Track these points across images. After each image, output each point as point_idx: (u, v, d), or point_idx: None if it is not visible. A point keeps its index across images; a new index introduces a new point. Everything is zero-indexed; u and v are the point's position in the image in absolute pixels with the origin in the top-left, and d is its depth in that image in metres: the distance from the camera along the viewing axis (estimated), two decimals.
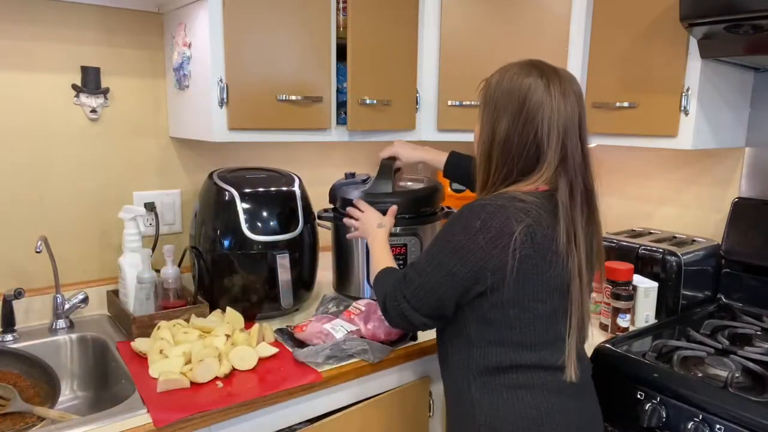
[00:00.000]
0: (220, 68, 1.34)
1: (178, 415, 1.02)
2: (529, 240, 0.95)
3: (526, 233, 0.95)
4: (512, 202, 0.98)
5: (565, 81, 1.01)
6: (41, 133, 1.44)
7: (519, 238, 0.95)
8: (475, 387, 1.03)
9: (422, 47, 1.73)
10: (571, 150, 1.00)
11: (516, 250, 0.95)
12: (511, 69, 1.04)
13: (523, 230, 0.95)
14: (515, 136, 1.01)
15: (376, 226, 1.36)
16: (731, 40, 1.29)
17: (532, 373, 1.00)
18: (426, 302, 1.04)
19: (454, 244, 0.99)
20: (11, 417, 1.14)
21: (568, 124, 0.99)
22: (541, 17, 1.64)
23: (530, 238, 0.96)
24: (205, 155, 1.70)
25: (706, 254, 1.62)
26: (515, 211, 0.96)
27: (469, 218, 0.99)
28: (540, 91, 0.99)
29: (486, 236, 0.96)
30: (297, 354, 1.25)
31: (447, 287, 1.00)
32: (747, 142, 1.65)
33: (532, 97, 0.99)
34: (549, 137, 0.99)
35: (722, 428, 1.10)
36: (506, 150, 1.02)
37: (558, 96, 0.99)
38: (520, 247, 0.95)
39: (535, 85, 1.00)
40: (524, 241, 0.95)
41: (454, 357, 1.08)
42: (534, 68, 1.02)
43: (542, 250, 0.97)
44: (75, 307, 1.44)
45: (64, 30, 1.43)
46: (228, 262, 1.42)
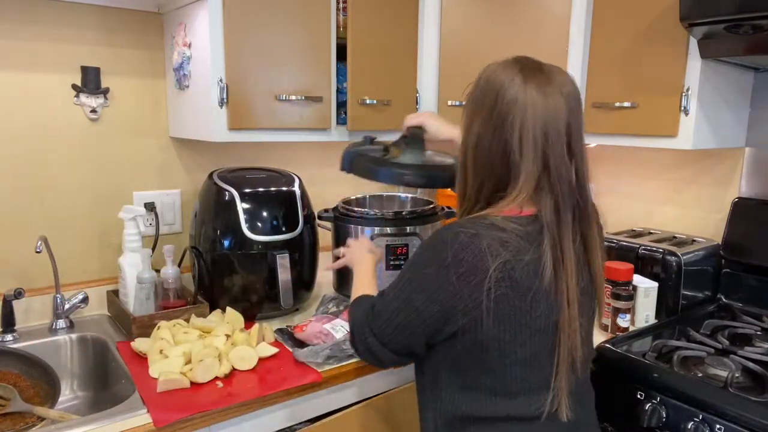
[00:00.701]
0: (220, 68, 1.34)
1: (178, 415, 1.02)
2: (507, 277, 0.82)
3: (503, 270, 0.82)
4: (490, 230, 0.84)
5: (550, 77, 0.87)
6: (41, 133, 1.44)
7: (494, 275, 0.82)
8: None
9: (422, 47, 1.73)
10: (555, 160, 0.84)
11: (491, 289, 0.82)
12: (492, 65, 0.92)
13: (500, 266, 0.82)
14: (485, 141, 0.87)
15: (366, 251, 1.26)
16: (731, 40, 1.29)
17: (505, 426, 0.87)
18: (393, 339, 0.92)
19: (423, 278, 0.87)
20: (11, 417, 1.14)
21: (549, 127, 0.84)
22: (541, 17, 1.64)
23: (508, 275, 0.82)
24: (205, 155, 1.70)
25: (706, 254, 1.62)
26: (492, 243, 0.83)
27: (440, 249, 0.86)
28: (514, 88, 0.85)
29: (457, 271, 0.83)
30: (297, 354, 1.25)
31: (415, 326, 0.89)
32: (747, 142, 1.65)
33: (505, 94, 0.85)
34: (522, 143, 0.84)
35: (722, 428, 1.10)
36: (477, 158, 0.89)
37: (535, 93, 0.84)
38: (496, 285, 0.82)
39: (509, 81, 0.86)
40: (500, 279, 0.82)
41: (424, 395, 0.98)
42: (516, 63, 0.89)
43: (522, 288, 0.83)
44: (75, 307, 1.44)
45: (64, 30, 1.43)
46: (228, 262, 1.42)
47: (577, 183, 0.87)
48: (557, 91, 0.86)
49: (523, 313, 0.84)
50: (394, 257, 1.51)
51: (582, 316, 0.90)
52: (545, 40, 1.64)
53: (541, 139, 0.84)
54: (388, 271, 1.52)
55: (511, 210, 0.87)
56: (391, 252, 1.51)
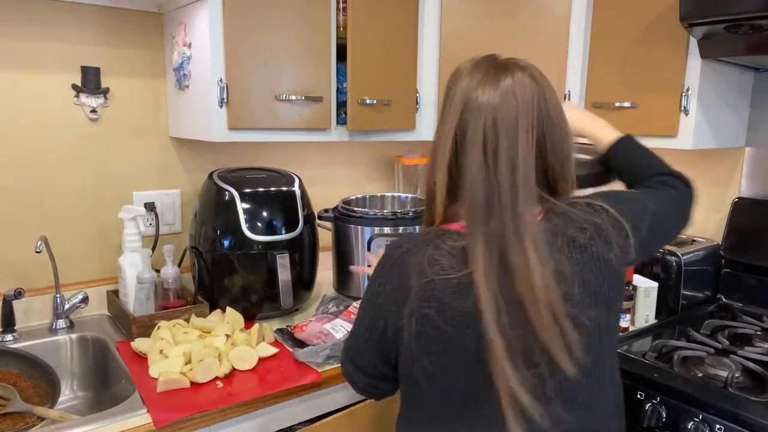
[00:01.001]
0: (220, 68, 1.34)
1: (178, 415, 1.02)
2: (431, 297, 0.75)
3: (426, 289, 0.75)
4: (425, 247, 0.78)
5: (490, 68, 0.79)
6: (41, 133, 1.43)
7: (417, 295, 0.75)
8: None
9: (422, 47, 1.73)
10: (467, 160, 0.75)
11: (414, 309, 0.76)
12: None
13: (423, 286, 0.75)
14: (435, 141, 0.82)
15: None
16: (731, 40, 1.29)
17: None
18: (362, 362, 0.88)
19: (369, 294, 0.84)
20: (11, 417, 1.14)
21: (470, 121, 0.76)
22: (541, 17, 1.64)
23: (432, 295, 0.75)
24: (205, 155, 1.70)
25: (706, 254, 1.62)
26: (421, 261, 0.76)
27: (380, 265, 0.82)
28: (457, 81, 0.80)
29: (386, 289, 0.80)
30: (297, 354, 1.25)
31: (368, 345, 0.86)
32: (747, 142, 1.65)
33: (449, 88, 0.81)
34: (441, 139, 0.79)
35: (722, 428, 1.10)
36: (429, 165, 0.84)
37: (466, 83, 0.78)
38: (419, 306, 0.75)
39: (456, 76, 0.81)
40: (424, 298, 0.75)
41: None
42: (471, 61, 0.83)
43: (450, 311, 0.75)
44: (75, 307, 1.44)
45: (64, 30, 1.43)
46: (228, 262, 1.42)
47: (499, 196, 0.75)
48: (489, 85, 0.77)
49: (450, 339, 0.75)
50: None
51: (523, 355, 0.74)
52: (545, 40, 1.64)
53: (452, 141, 0.78)
54: None
55: (458, 224, 0.80)
56: None
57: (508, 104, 0.76)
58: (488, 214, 0.75)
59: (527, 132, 0.76)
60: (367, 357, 0.88)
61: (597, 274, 0.78)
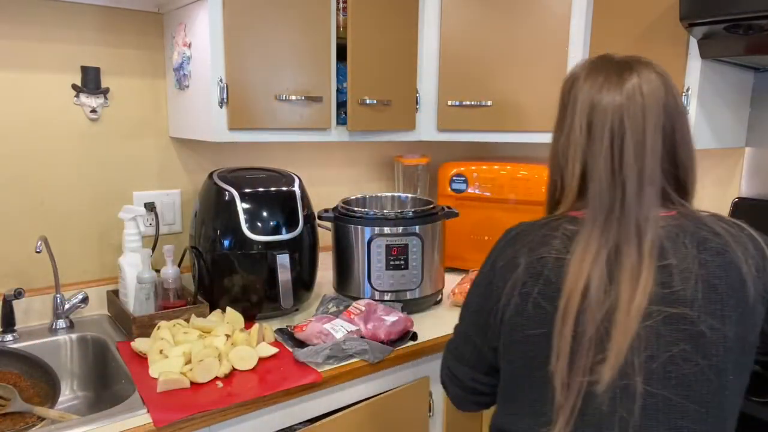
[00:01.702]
0: (220, 68, 1.34)
1: (178, 415, 1.02)
2: (538, 275, 0.76)
3: (536, 265, 0.76)
4: (540, 229, 0.80)
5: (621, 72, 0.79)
6: (41, 133, 1.43)
7: (524, 270, 0.77)
8: None
9: (422, 47, 1.73)
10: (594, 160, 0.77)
11: (517, 284, 0.77)
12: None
13: (534, 262, 0.77)
14: (554, 146, 0.84)
15: None
16: (731, 40, 1.29)
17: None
18: (466, 350, 0.89)
19: (478, 276, 0.87)
20: (11, 417, 1.14)
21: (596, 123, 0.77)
22: (541, 17, 1.64)
23: (539, 272, 0.76)
24: (205, 155, 1.70)
25: None
26: (534, 239, 0.79)
27: (495, 246, 0.86)
28: (577, 84, 0.80)
29: (497, 265, 0.82)
30: (297, 354, 1.25)
31: (475, 328, 0.86)
32: (747, 142, 1.65)
33: (567, 93, 0.82)
34: (570, 141, 0.80)
35: None
36: (551, 163, 0.86)
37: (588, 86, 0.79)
38: (523, 283, 0.77)
39: (572, 81, 0.82)
40: (529, 275, 0.77)
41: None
42: (588, 62, 0.84)
43: (554, 289, 0.76)
44: (75, 307, 1.44)
45: (64, 30, 1.43)
46: (228, 262, 1.42)
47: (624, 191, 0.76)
48: (614, 85, 0.78)
49: (548, 318, 0.75)
50: (394, 257, 1.51)
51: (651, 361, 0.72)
52: (545, 40, 1.64)
53: (584, 138, 0.78)
54: (388, 271, 1.52)
55: (577, 211, 0.82)
56: (391, 252, 1.51)
57: (635, 103, 0.77)
58: (611, 210, 0.76)
59: (655, 130, 0.77)
60: (473, 341, 0.88)
61: (728, 282, 0.74)
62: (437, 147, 2.22)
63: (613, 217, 0.76)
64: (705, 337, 0.73)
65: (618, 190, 0.77)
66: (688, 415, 0.73)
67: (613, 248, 0.75)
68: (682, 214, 0.79)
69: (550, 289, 0.76)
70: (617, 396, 0.73)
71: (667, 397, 0.73)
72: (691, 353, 0.73)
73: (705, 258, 0.75)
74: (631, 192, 0.76)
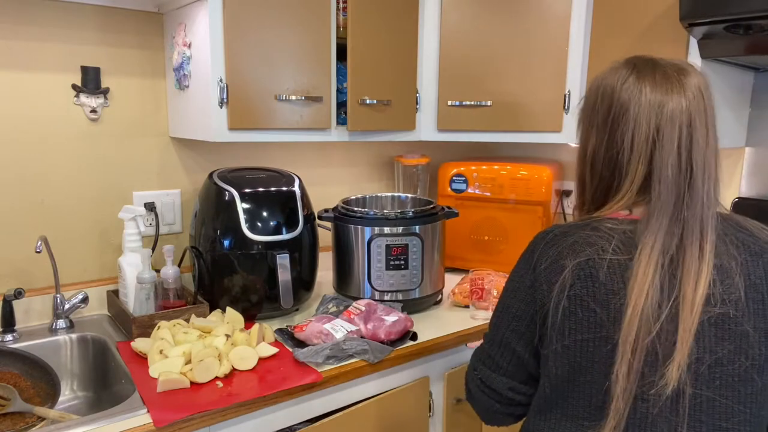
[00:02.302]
0: (220, 68, 1.34)
1: (178, 415, 1.02)
2: (586, 276, 0.75)
3: (584, 267, 0.75)
4: (581, 230, 0.79)
5: (667, 73, 0.80)
6: (41, 133, 1.44)
7: (571, 272, 0.76)
8: None
9: (422, 47, 1.73)
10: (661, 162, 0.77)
11: (566, 287, 0.76)
12: (600, 74, 0.86)
13: (581, 264, 0.76)
14: (602, 150, 0.82)
15: None
16: (731, 40, 1.29)
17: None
18: (503, 359, 0.86)
19: (516, 280, 0.84)
20: (11, 417, 1.14)
21: (663, 128, 0.77)
22: (541, 17, 1.64)
23: (588, 273, 0.75)
24: (205, 155, 1.70)
25: None
26: (578, 240, 0.78)
27: (531, 248, 0.84)
28: (629, 90, 0.79)
29: (539, 267, 0.80)
30: (297, 354, 1.25)
31: (516, 335, 0.83)
32: (747, 142, 1.65)
33: (619, 97, 0.80)
34: (633, 145, 0.78)
35: None
36: (594, 169, 0.84)
37: (650, 92, 0.78)
38: (572, 284, 0.76)
39: (622, 83, 0.81)
40: (578, 277, 0.75)
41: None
42: (627, 64, 0.83)
43: (604, 291, 0.75)
44: (75, 307, 1.44)
45: (64, 30, 1.43)
46: (228, 262, 1.42)
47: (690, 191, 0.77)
48: (676, 87, 0.78)
49: (599, 322, 0.74)
50: (394, 257, 1.51)
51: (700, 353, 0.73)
52: (545, 40, 1.64)
53: (651, 140, 0.77)
54: (388, 271, 1.52)
55: (618, 213, 0.81)
56: (391, 252, 1.51)
57: (700, 104, 0.79)
58: (677, 210, 0.76)
59: (714, 130, 0.80)
60: (512, 348, 0.85)
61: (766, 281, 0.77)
62: (437, 147, 2.22)
63: (680, 216, 0.76)
64: (748, 337, 0.74)
65: (685, 190, 0.77)
66: (732, 416, 0.74)
67: (676, 248, 0.75)
68: (722, 215, 0.81)
69: (601, 292, 0.75)
70: (667, 398, 0.73)
71: (712, 398, 0.74)
72: (735, 353, 0.74)
73: (746, 258, 0.77)
74: (699, 192, 0.77)
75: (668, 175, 0.76)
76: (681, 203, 0.77)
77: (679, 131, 0.77)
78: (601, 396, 0.76)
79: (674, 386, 0.72)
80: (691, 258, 0.75)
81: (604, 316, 0.75)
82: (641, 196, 0.80)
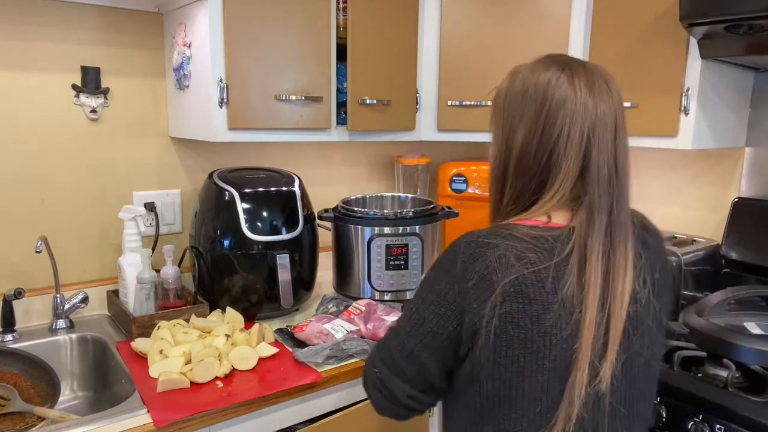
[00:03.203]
0: (220, 68, 1.34)
1: (178, 415, 1.02)
2: (517, 293, 0.74)
3: (514, 284, 0.74)
4: (506, 240, 0.77)
5: (595, 73, 0.81)
6: (41, 133, 1.44)
7: (502, 290, 0.74)
8: None
9: (422, 47, 1.73)
10: (596, 159, 0.78)
11: (497, 306, 0.74)
12: (524, 69, 0.85)
13: (511, 281, 0.74)
14: (533, 145, 0.81)
15: None
16: (731, 40, 1.29)
17: None
18: (407, 367, 0.83)
19: (435, 293, 0.80)
20: (11, 417, 1.14)
21: (598, 127, 0.78)
22: (541, 17, 1.64)
23: (519, 290, 0.74)
24: (205, 155, 1.70)
25: (706, 254, 1.61)
26: (505, 254, 0.75)
27: (451, 260, 0.79)
28: (564, 86, 0.80)
29: (466, 285, 0.76)
30: (297, 354, 1.25)
31: (428, 350, 0.81)
32: (747, 142, 1.65)
33: (553, 93, 0.80)
34: (568, 144, 0.78)
35: (722, 428, 1.10)
36: (523, 165, 0.82)
37: (585, 91, 0.79)
38: (503, 302, 0.74)
39: (555, 78, 0.80)
40: (510, 294, 0.74)
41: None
42: (554, 62, 0.83)
43: (535, 307, 0.74)
44: (75, 307, 1.44)
45: (64, 30, 1.43)
46: (228, 262, 1.42)
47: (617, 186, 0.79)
48: (606, 91, 0.80)
49: (530, 338, 0.74)
50: (394, 257, 1.51)
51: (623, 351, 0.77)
52: (545, 40, 1.64)
53: (587, 138, 0.78)
54: (388, 271, 1.52)
55: (537, 220, 0.80)
56: (391, 252, 1.51)
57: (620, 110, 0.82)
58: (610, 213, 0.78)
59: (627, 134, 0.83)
60: (419, 361, 0.82)
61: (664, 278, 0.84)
62: (437, 147, 2.22)
63: (612, 216, 0.78)
64: (653, 331, 0.81)
65: (616, 190, 0.79)
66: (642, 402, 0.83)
67: (610, 249, 0.77)
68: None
69: (533, 308, 0.74)
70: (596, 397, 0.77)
71: (628, 390, 0.80)
72: (643, 346, 0.80)
73: (649, 255, 0.83)
74: (626, 192, 0.80)
75: (604, 174, 0.78)
76: (614, 203, 0.78)
77: (611, 132, 0.79)
78: (535, 409, 0.76)
79: (606, 384, 0.75)
80: (620, 258, 0.77)
81: (535, 332, 0.74)
82: (573, 194, 0.80)
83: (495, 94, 0.89)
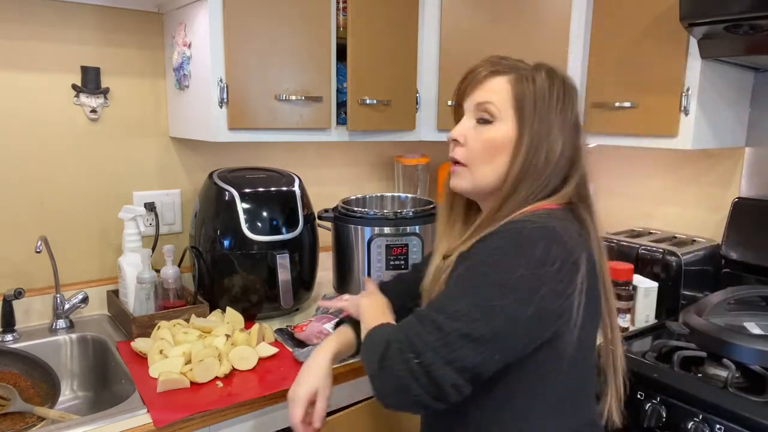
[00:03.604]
0: (220, 68, 1.34)
1: (178, 415, 1.02)
2: (592, 268, 0.83)
3: (589, 260, 0.82)
4: (562, 222, 0.82)
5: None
6: (41, 133, 1.44)
7: (583, 268, 0.80)
8: None
9: (422, 47, 1.73)
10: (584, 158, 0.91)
11: (583, 282, 0.79)
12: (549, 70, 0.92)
13: (586, 257, 0.81)
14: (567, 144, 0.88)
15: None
16: (731, 40, 1.29)
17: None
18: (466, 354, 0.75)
19: (513, 281, 0.76)
20: (11, 417, 1.14)
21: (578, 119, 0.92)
22: (541, 17, 1.64)
23: (592, 265, 0.83)
24: (205, 155, 1.70)
25: (706, 254, 1.61)
26: (572, 235, 0.81)
27: (525, 245, 0.78)
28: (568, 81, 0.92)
29: (551, 269, 0.76)
30: (297, 354, 1.25)
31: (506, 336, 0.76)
32: (747, 142, 1.65)
33: (577, 98, 0.91)
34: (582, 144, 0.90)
35: (722, 428, 1.10)
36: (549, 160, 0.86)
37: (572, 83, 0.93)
38: (584, 279, 0.79)
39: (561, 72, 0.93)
40: (589, 270, 0.81)
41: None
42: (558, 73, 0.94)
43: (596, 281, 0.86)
44: (75, 307, 1.44)
45: (64, 30, 1.43)
46: (228, 262, 1.42)
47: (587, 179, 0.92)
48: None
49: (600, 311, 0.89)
50: (394, 257, 1.51)
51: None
52: (545, 40, 1.64)
53: (577, 131, 0.90)
54: (388, 271, 1.52)
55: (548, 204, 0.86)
56: (391, 252, 1.51)
57: None
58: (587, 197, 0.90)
59: None
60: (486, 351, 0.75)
61: None
62: (437, 147, 2.22)
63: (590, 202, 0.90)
64: None
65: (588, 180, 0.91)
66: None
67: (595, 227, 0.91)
68: None
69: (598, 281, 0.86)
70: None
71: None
72: None
73: None
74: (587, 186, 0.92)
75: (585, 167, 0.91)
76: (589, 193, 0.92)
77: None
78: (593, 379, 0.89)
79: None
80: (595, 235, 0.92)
81: (602, 302, 0.88)
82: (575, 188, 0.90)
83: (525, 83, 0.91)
